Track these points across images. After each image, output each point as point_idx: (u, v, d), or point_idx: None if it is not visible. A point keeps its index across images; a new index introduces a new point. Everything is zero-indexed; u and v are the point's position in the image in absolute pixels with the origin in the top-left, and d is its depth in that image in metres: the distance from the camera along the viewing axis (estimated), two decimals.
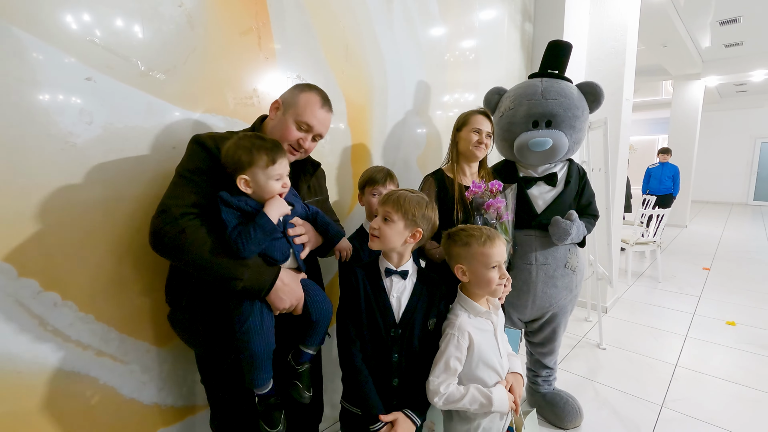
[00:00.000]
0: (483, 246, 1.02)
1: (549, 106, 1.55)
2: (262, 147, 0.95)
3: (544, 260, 1.57)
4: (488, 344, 1.04)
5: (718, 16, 5.10)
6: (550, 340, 1.71)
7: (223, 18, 1.22)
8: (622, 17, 2.86)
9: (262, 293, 0.95)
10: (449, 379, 1.00)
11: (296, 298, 1.01)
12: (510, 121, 1.62)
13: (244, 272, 0.92)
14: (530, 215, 1.57)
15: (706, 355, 2.44)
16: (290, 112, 1.07)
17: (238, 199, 0.95)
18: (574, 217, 1.50)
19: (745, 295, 3.49)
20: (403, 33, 1.83)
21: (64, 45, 0.93)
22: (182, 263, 0.94)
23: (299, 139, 1.08)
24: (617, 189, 3.00)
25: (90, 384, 1.04)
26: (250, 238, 0.92)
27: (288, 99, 1.10)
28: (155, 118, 1.10)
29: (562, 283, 1.59)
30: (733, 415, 1.84)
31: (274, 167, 0.95)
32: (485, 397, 0.99)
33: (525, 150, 1.54)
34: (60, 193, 0.95)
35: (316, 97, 1.09)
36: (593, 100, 1.63)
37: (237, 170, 0.95)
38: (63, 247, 0.97)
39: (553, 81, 1.62)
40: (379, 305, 1.04)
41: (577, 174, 1.63)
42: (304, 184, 1.20)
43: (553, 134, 1.52)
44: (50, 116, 0.92)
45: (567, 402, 1.76)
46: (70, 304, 0.99)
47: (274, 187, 0.97)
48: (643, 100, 10.89)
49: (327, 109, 1.12)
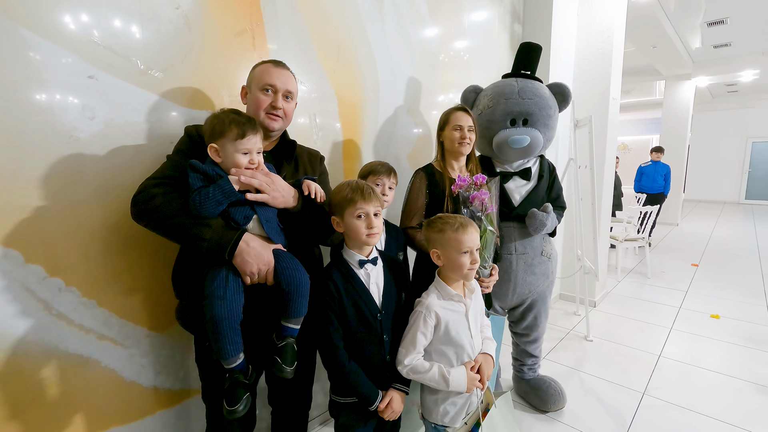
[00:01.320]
0: (455, 232, 1.10)
1: (525, 105, 1.63)
2: (235, 120, 0.99)
3: (523, 249, 1.66)
4: (457, 324, 1.11)
5: (706, 18, 5.20)
6: (533, 327, 1.79)
7: (218, 19, 1.28)
8: (609, 19, 2.94)
9: (225, 253, 0.95)
10: (413, 351, 1.09)
11: (264, 262, 0.98)
12: (489, 119, 1.69)
13: (207, 231, 0.95)
14: (508, 208, 1.66)
15: (690, 346, 2.52)
16: (254, 86, 1.14)
17: (206, 166, 0.98)
18: (550, 209, 1.61)
19: (731, 290, 3.58)
20: (394, 33, 1.90)
21: (68, 44, 0.99)
22: (153, 226, 0.98)
23: (271, 103, 1.13)
24: (604, 186, 3.08)
25: (93, 366, 1.10)
26: (208, 197, 0.94)
27: (249, 79, 1.18)
28: (154, 114, 1.16)
29: (539, 270, 1.68)
30: (713, 403, 1.91)
31: (242, 141, 0.98)
32: (443, 377, 1.07)
33: (504, 147, 1.62)
34: (64, 184, 1.01)
35: (267, 63, 1.17)
36: (562, 101, 1.73)
37: (210, 138, 1.00)
38: (66, 236, 1.03)
39: (527, 81, 1.70)
40: (362, 297, 1.09)
41: (547, 169, 1.74)
42: (287, 166, 1.21)
43: (530, 132, 1.60)
44: (55, 112, 0.98)
45: (550, 385, 1.83)
46: (74, 289, 1.05)
47: (240, 160, 0.99)
48: (637, 100, 11.00)
49: (282, 67, 1.17)
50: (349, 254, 1.11)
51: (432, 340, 1.11)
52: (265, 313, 1.04)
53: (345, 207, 1.07)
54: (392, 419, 1.13)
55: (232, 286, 0.96)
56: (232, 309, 0.95)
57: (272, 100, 1.14)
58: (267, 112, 1.14)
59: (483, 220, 1.40)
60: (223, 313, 0.93)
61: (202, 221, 0.96)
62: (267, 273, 1.00)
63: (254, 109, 1.14)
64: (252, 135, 1.00)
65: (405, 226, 1.57)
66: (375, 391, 1.10)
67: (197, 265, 1.01)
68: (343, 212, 1.08)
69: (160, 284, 1.21)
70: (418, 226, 1.56)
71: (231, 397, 0.95)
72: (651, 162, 5.65)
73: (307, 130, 1.59)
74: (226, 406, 0.94)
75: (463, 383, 1.08)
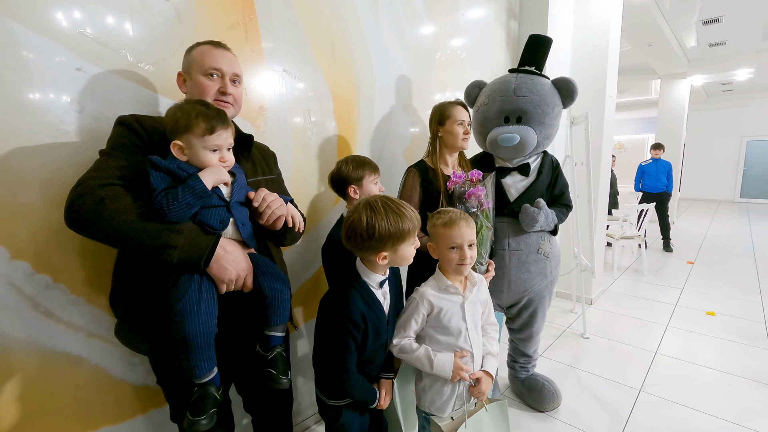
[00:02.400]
0: (443, 227, 1.11)
1: (519, 102, 1.61)
2: (203, 113, 0.88)
3: (516, 246, 1.64)
4: (450, 312, 1.12)
5: (702, 16, 5.22)
6: (528, 325, 1.77)
7: (210, 12, 1.26)
8: (604, 16, 2.93)
9: (201, 262, 0.85)
10: (403, 334, 1.12)
11: (242, 268, 0.92)
12: (484, 116, 1.68)
13: (178, 238, 0.83)
14: (503, 203, 1.64)
15: (686, 343, 2.52)
16: (194, 71, 1.01)
17: (169, 162, 0.87)
18: (542, 204, 1.58)
19: (726, 287, 3.59)
20: (390, 30, 1.88)
21: (55, 36, 0.97)
22: (103, 236, 0.83)
23: (219, 89, 1.02)
24: (600, 183, 3.08)
25: (82, 365, 1.08)
26: (177, 199, 0.83)
27: (185, 64, 1.04)
28: (144, 108, 1.14)
29: (535, 268, 1.66)
30: (709, 399, 1.91)
31: (211, 137, 0.89)
32: (428, 359, 1.09)
33: (495, 144, 1.61)
34: (51, 179, 0.99)
35: (207, 44, 1.04)
36: (567, 96, 1.68)
37: (173, 134, 0.88)
38: (54, 232, 1.00)
39: (527, 77, 1.66)
40: (380, 318, 1.07)
41: (549, 165, 1.70)
42: (245, 163, 1.10)
43: (521, 130, 1.57)
44: (41, 105, 0.96)
45: (544, 385, 1.82)
46: (62, 286, 1.03)
47: (210, 159, 0.90)
48: (633, 99, 11.04)
49: (224, 48, 1.05)
50: (370, 275, 1.04)
51: (425, 327, 1.14)
52: (237, 322, 0.98)
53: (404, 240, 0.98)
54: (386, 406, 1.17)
55: (205, 298, 0.86)
56: (207, 323, 0.86)
57: (220, 86, 1.02)
58: (215, 99, 1.02)
59: (479, 217, 1.39)
60: (198, 329, 0.84)
61: (171, 227, 0.84)
62: (245, 279, 0.93)
63: (199, 97, 1.00)
64: (222, 130, 0.90)
65: None
66: (374, 391, 1.13)
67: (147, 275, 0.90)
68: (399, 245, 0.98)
69: None
70: None
71: (197, 407, 0.85)
72: (651, 160, 5.42)
73: (301, 128, 1.57)
74: (189, 415, 0.84)
75: (448, 368, 1.08)
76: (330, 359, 1.07)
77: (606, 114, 3.02)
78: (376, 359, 1.13)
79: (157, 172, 0.85)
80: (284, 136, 1.52)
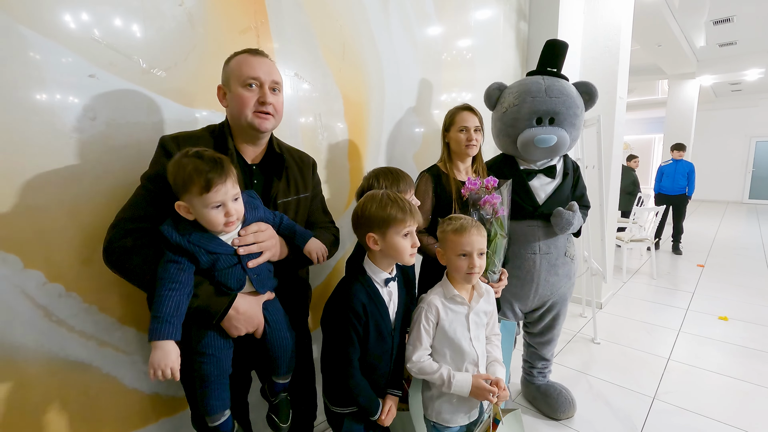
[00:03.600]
0: (454, 234, 1.09)
1: (553, 103, 1.58)
2: (197, 169, 0.81)
3: (547, 249, 1.63)
4: (454, 323, 1.10)
5: (712, 16, 5.15)
6: (550, 328, 1.76)
7: (222, 17, 1.25)
8: (615, 17, 2.90)
9: (213, 320, 0.89)
10: (420, 348, 1.08)
11: (252, 325, 0.95)
12: (514, 116, 1.64)
13: (194, 301, 0.87)
14: (533, 206, 1.61)
15: (699, 349, 2.48)
16: (233, 83, 0.99)
17: (179, 236, 0.85)
18: (576, 207, 1.56)
19: (738, 291, 3.54)
20: (400, 32, 1.86)
21: (68, 43, 0.96)
22: (131, 282, 0.92)
23: (258, 99, 0.99)
24: (611, 185, 3.04)
25: (93, 374, 1.07)
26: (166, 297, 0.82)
27: (224, 77, 1.03)
28: (157, 114, 1.13)
29: (563, 271, 1.65)
30: (723, 407, 1.88)
31: (209, 195, 0.82)
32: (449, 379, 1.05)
33: (530, 146, 1.57)
34: (65, 186, 0.98)
35: (244, 53, 1.01)
36: (588, 100, 1.67)
37: (177, 193, 0.85)
38: (67, 240, 0.99)
39: (554, 79, 1.65)
40: (383, 317, 1.05)
41: (572, 167, 1.69)
42: (278, 183, 1.09)
43: (556, 131, 1.55)
44: (55, 112, 0.95)
45: (560, 393, 1.79)
46: (74, 295, 1.02)
47: (215, 219, 0.85)
48: (640, 99, 10.95)
49: (261, 56, 1.02)
50: (375, 271, 1.04)
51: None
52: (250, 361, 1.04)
53: (390, 225, 0.98)
54: (388, 424, 1.14)
55: (221, 343, 0.92)
56: (223, 366, 0.93)
57: (259, 96, 0.98)
58: (255, 111, 0.98)
59: (493, 224, 1.36)
60: (214, 370, 0.91)
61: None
62: (256, 331, 0.97)
63: (238, 110, 0.99)
64: (220, 185, 0.83)
65: None
66: (377, 402, 1.09)
67: None
68: (386, 230, 0.99)
69: None
70: (424, 229, 1.52)
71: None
72: (672, 161, 5.15)
73: (312, 130, 1.56)
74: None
75: (466, 387, 1.06)
76: (334, 354, 1.05)
77: (617, 116, 2.98)
78: (381, 367, 1.09)
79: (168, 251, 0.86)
80: (295, 139, 1.50)
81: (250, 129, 1.01)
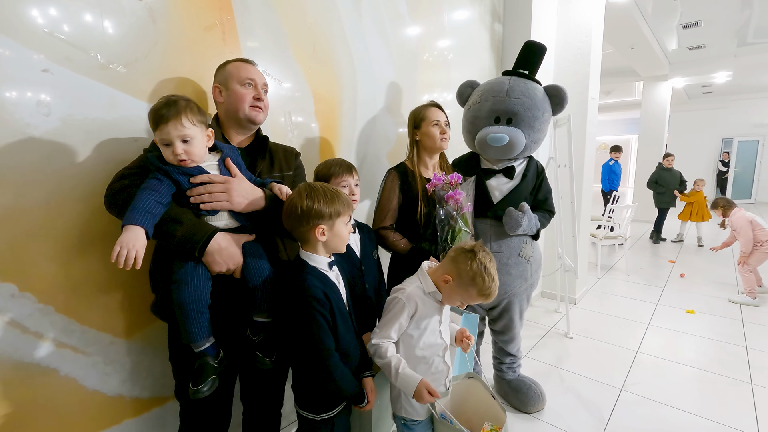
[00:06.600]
0: (479, 294, 1.06)
1: (511, 104, 1.61)
2: (153, 109, 0.93)
3: (498, 248, 1.64)
4: (429, 317, 1.11)
5: (682, 20, 5.32)
6: (509, 327, 1.79)
7: (185, 13, 1.23)
8: (587, 19, 2.97)
9: (195, 251, 0.94)
10: (386, 337, 1.08)
11: (234, 262, 1.00)
12: (475, 114, 1.68)
13: (177, 228, 0.94)
14: (486, 205, 1.64)
15: (667, 341, 2.56)
16: (231, 83, 1.16)
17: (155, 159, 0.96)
18: (526, 208, 1.58)
19: (706, 286, 3.67)
20: (373, 31, 1.87)
21: (20, 36, 0.93)
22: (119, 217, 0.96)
23: (254, 96, 1.17)
24: (583, 184, 3.12)
25: (51, 376, 1.05)
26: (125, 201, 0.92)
27: (220, 77, 1.19)
28: (117, 110, 1.11)
29: (515, 271, 1.66)
30: (689, 397, 1.95)
31: (157, 132, 0.93)
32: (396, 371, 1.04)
33: (484, 143, 1.60)
34: (16, 185, 0.95)
35: (238, 61, 1.20)
36: (557, 103, 1.68)
37: None
38: (20, 240, 0.97)
39: (521, 81, 1.67)
40: (340, 299, 1.08)
41: (534, 170, 1.71)
42: (261, 162, 1.22)
43: (510, 131, 1.57)
44: (5, 108, 0.93)
45: (530, 387, 1.83)
46: (28, 295, 0.99)
47: (165, 154, 0.95)
48: (618, 100, 11.22)
49: (253, 64, 1.22)
50: (317, 260, 1.05)
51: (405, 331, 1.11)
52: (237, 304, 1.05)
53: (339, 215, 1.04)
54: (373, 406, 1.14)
55: (199, 273, 0.97)
56: (199, 294, 0.96)
57: (254, 93, 1.17)
58: (251, 105, 1.17)
59: (458, 220, 1.39)
60: (190, 297, 0.94)
61: (174, 217, 0.94)
62: (235, 269, 1.01)
63: (237, 104, 1.15)
64: (165, 124, 0.91)
65: (378, 227, 1.54)
66: (362, 389, 1.09)
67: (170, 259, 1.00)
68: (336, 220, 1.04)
69: (124, 289, 1.16)
70: (390, 226, 1.54)
71: (197, 377, 0.95)
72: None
73: (282, 128, 1.55)
74: (191, 386, 0.95)
75: (411, 386, 1.02)
76: (309, 352, 1.01)
77: (589, 116, 3.06)
78: (351, 352, 1.09)
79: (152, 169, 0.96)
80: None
81: (246, 120, 1.18)
